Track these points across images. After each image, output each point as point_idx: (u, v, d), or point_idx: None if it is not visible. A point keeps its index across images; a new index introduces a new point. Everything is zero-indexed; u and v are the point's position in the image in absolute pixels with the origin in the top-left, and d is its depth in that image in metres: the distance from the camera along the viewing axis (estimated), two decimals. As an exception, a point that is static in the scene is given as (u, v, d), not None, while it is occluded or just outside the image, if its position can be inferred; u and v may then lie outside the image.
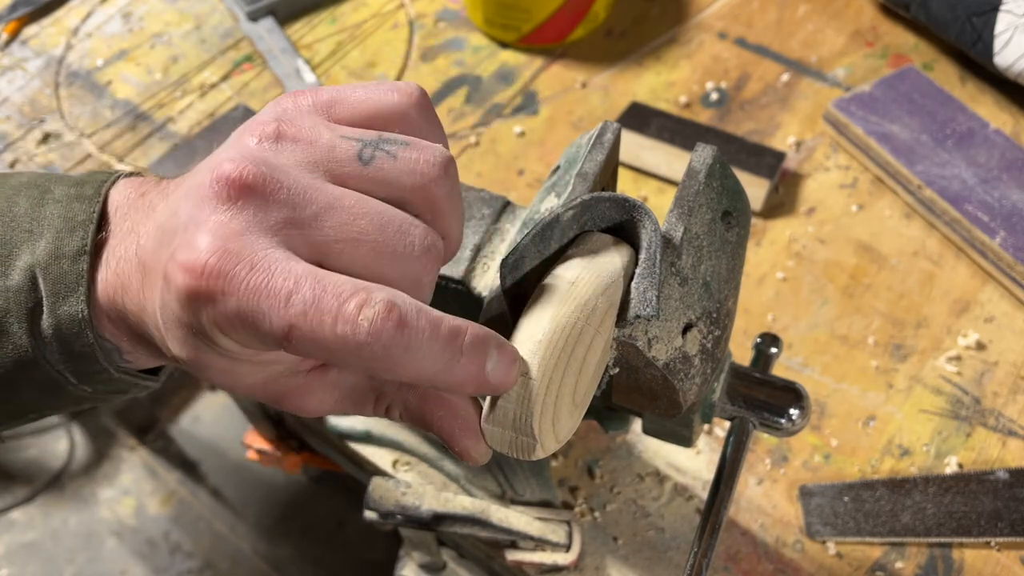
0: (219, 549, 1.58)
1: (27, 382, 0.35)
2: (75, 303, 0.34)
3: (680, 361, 0.37)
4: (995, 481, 0.59)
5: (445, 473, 0.60)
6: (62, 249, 0.34)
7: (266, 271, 0.29)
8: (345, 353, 0.29)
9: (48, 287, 0.34)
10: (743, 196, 0.42)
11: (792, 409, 0.44)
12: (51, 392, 0.36)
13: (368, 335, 0.28)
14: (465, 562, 0.66)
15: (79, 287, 0.34)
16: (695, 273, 0.38)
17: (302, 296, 0.28)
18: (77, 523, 1.61)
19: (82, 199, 0.35)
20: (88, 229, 0.34)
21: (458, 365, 0.30)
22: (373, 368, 0.29)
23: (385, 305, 0.29)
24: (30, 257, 0.34)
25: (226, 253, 0.29)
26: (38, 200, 0.36)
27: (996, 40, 0.74)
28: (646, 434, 0.47)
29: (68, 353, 0.35)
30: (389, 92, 0.34)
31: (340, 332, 0.28)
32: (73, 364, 0.35)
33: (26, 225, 0.35)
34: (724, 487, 0.44)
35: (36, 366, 0.35)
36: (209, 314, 0.29)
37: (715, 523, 0.43)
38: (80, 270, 0.34)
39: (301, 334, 0.28)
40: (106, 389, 0.37)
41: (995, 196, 0.69)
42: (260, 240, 0.30)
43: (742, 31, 0.86)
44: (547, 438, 0.33)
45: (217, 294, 0.29)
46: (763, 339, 0.50)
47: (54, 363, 0.35)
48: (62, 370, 0.35)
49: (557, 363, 0.33)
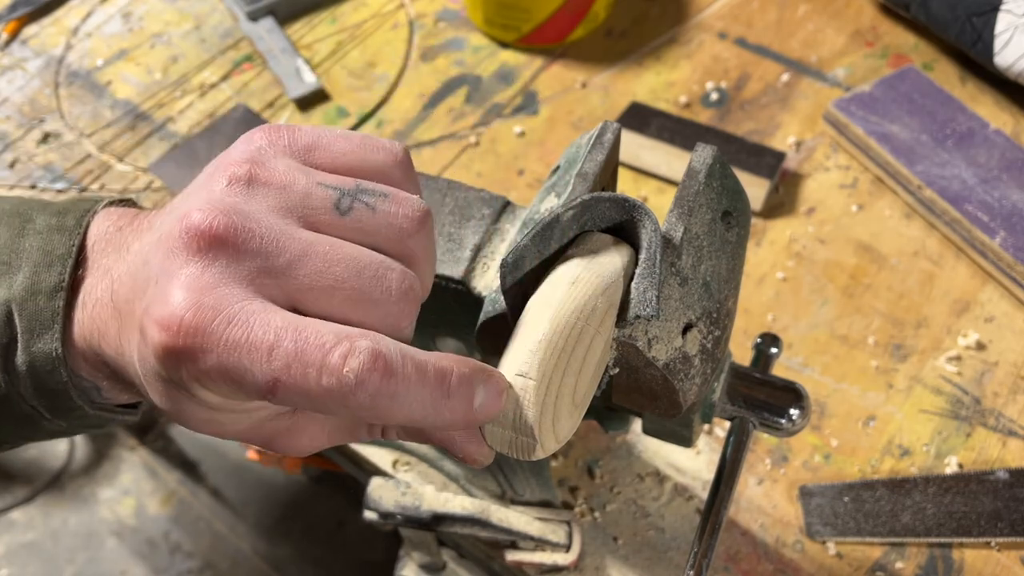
0: (219, 549, 1.58)
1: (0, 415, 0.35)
2: (49, 341, 0.33)
3: (680, 361, 0.37)
4: (995, 481, 0.59)
5: (445, 473, 0.60)
6: (39, 285, 0.34)
7: (244, 324, 0.28)
8: (333, 404, 0.28)
9: (23, 323, 0.33)
10: (743, 196, 0.42)
11: (792, 409, 0.44)
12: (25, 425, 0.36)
13: (355, 386, 0.28)
14: (465, 562, 0.66)
15: (54, 325, 0.33)
16: (695, 273, 0.38)
17: (284, 349, 0.28)
18: (77, 523, 1.61)
19: (63, 231, 0.35)
20: (66, 264, 0.34)
21: (446, 406, 0.30)
22: (361, 416, 0.29)
23: (370, 354, 0.28)
24: (6, 292, 0.34)
25: (201, 308, 0.28)
26: (19, 231, 0.35)
27: (996, 40, 0.74)
28: (646, 434, 0.47)
29: (41, 390, 0.34)
30: (374, 151, 0.34)
31: (326, 384, 0.28)
32: (47, 400, 0.35)
33: (4, 257, 0.35)
34: (724, 487, 0.44)
35: (9, 401, 0.35)
36: (189, 371, 0.28)
37: (715, 523, 0.43)
38: (56, 307, 0.33)
39: (286, 388, 0.28)
40: (81, 424, 0.37)
41: (995, 196, 0.69)
42: (235, 291, 0.29)
43: (742, 31, 0.86)
44: (547, 438, 0.33)
45: (196, 351, 0.28)
46: (763, 339, 0.50)
47: (27, 398, 0.35)
48: (36, 405, 0.35)
49: (557, 363, 0.33)
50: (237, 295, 0.29)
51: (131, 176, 0.79)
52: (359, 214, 0.31)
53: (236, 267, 0.29)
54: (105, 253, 0.34)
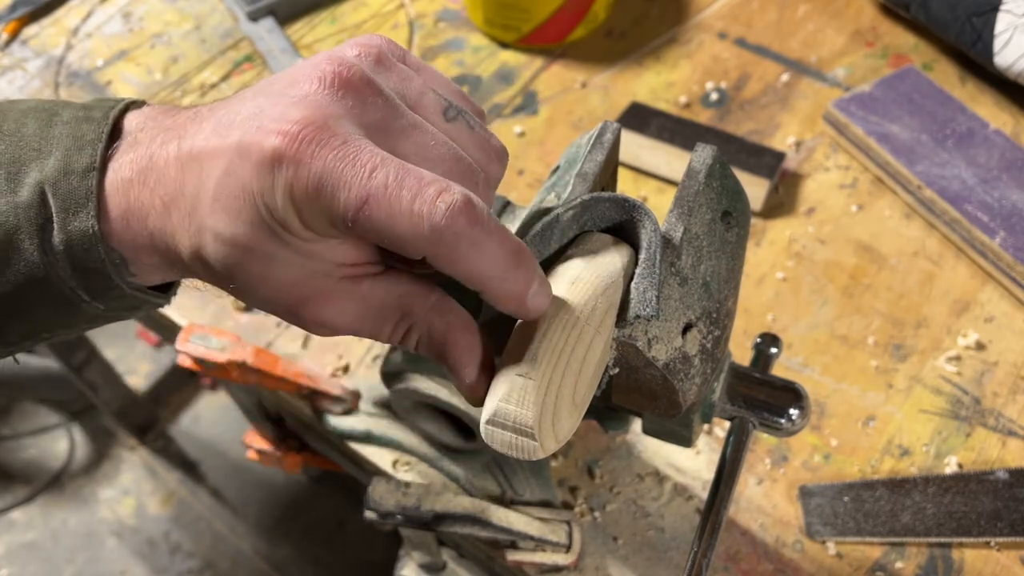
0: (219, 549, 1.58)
1: (40, 299, 0.35)
2: (85, 218, 0.34)
3: (680, 361, 0.37)
4: (995, 481, 0.59)
5: (445, 473, 0.60)
6: (71, 166, 0.34)
7: (356, 147, 0.30)
8: (415, 235, 0.30)
9: (58, 203, 0.34)
10: (743, 196, 0.42)
11: (792, 409, 0.44)
12: (64, 309, 0.36)
13: (444, 219, 0.30)
14: (465, 562, 0.66)
15: (89, 203, 0.34)
16: (695, 273, 0.38)
17: (386, 171, 0.30)
18: (77, 523, 1.61)
19: (90, 120, 0.35)
20: (97, 147, 0.34)
21: (511, 276, 0.32)
22: (437, 256, 0.30)
23: (464, 197, 0.30)
24: (39, 174, 0.34)
25: (321, 127, 0.30)
26: (46, 122, 0.36)
27: (996, 40, 0.74)
28: (646, 434, 0.47)
29: (79, 269, 0.34)
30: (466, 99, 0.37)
31: (416, 210, 0.29)
32: (84, 280, 0.35)
33: (35, 144, 0.35)
34: (724, 487, 0.44)
35: (48, 283, 0.35)
36: (287, 178, 0.30)
37: (715, 523, 0.43)
38: (89, 186, 0.34)
39: (376, 207, 0.29)
40: (119, 306, 0.37)
41: (995, 196, 0.69)
42: (353, 128, 0.31)
43: (742, 31, 0.86)
44: (547, 438, 0.33)
45: (303, 158, 0.30)
46: (763, 339, 0.50)
47: (66, 279, 0.35)
48: (74, 287, 0.35)
49: (557, 363, 0.33)
50: (354, 130, 0.31)
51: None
52: (460, 126, 0.35)
53: (360, 112, 0.32)
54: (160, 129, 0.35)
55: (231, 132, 0.32)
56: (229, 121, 0.32)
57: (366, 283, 0.34)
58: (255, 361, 0.58)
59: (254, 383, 0.61)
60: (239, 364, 0.58)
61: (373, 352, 0.67)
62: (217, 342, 0.59)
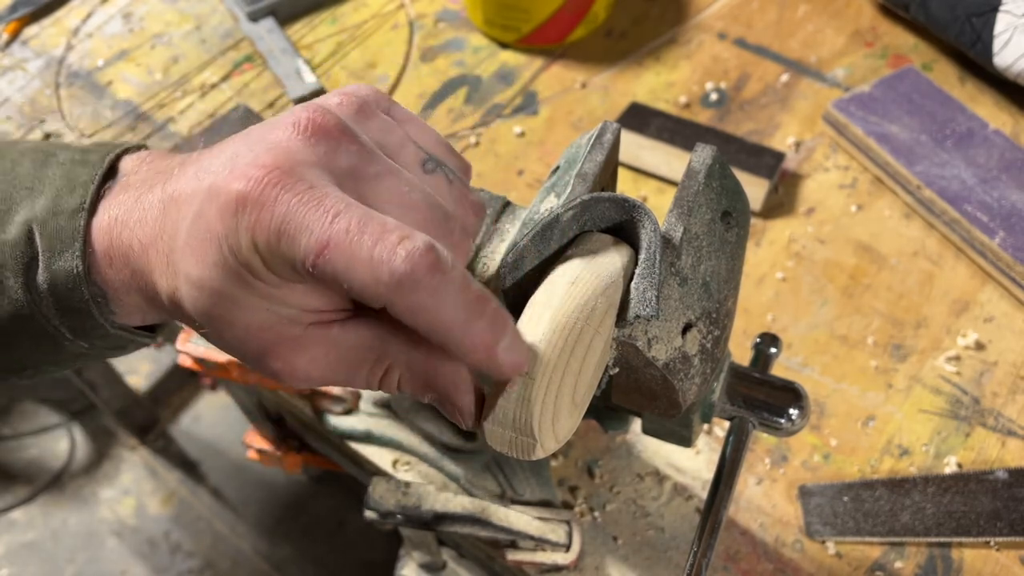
0: (219, 549, 1.58)
1: (24, 335, 0.36)
2: (70, 258, 0.34)
3: (680, 361, 0.37)
4: (994, 481, 0.59)
5: (445, 473, 0.60)
6: (60, 206, 0.34)
7: (321, 193, 0.30)
8: (374, 281, 0.29)
9: (44, 242, 0.34)
10: (743, 196, 0.42)
11: (792, 409, 0.44)
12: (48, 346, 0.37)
13: (404, 265, 0.29)
14: (465, 562, 0.66)
15: (75, 243, 0.34)
16: (695, 273, 0.38)
17: (348, 217, 0.29)
18: (77, 523, 1.62)
19: (86, 164, 0.36)
20: (88, 189, 0.35)
21: (477, 326, 0.31)
22: (395, 304, 0.30)
23: (425, 244, 0.29)
24: (28, 213, 0.35)
25: (287, 172, 0.30)
26: (42, 163, 0.36)
27: (995, 40, 0.75)
28: (646, 434, 0.47)
29: (63, 308, 0.35)
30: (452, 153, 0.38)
31: (376, 255, 0.29)
32: (68, 319, 0.35)
33: (27, 183, 0.35)
34: (723, 487, 0.44)
35: (32, 320, 0.35)
36: (249, 221, 0.30)
37: (715, 522, 0.43)
38: (76, 226, 0.34)
39: (337, 252, 0.29)
40: (103, 345, 0.37)
41: (994, 196, 0.70)
42: (323, 175, 0.31)
43: (742, 31, 0.87)
44: (547, 438, 0.33)
45: (266, 201, 0.30)
46: (762, 339, 0.50)
47: (50, 318, 0.35)
48: (57, 325, 0.35)
49: (557, 363, 0.33)
50: (325, 178, 0.31)
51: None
52: (438, 178, 0.35)
53: (332, 159, 0.32)
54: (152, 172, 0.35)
55: (206, 177, 0.32)
56: (207, 166, 0.32)
57: (335, 328, 0.33)
58: (255, 361, 0.58)
59: (254, 383, 0.61)
60: (240, 364, 0.58)
61: (373, 352, 0.67)
62: (217, 342, 0.59)
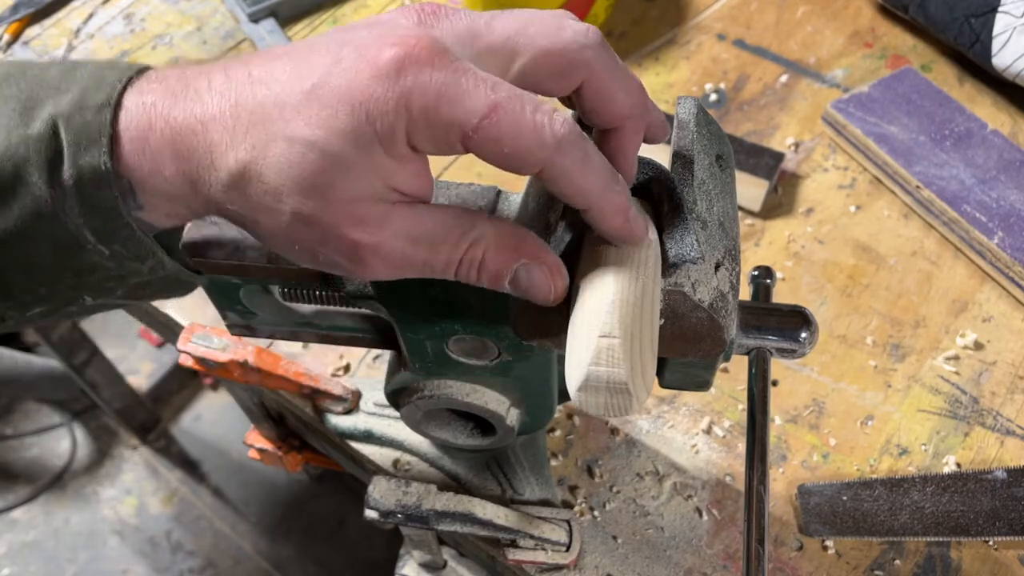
0: (220, 548, 1.58)
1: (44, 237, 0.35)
2: (96, 154, 0.33)
3: (719, 300, 0.39)
4: (993, 480, 0.59)
5: (445, 472, 0.60)
6: (87, 101, 0.34)
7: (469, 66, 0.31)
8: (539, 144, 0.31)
9: (70, 137, 0.33)
10: (726, 138, 0.44)
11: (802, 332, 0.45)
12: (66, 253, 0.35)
13: (563, 128, 0.31)
14: (465, 561, 0.67)
15: (101, 138, 0.33)
16: (711, 216, 0.39)
17: (506, 88, 0.31)
18: (79, 522, 1.62)
19: (115, 67, 0.35)
20: (116, 87, 0.34)
21: (614, 190, 0.34)
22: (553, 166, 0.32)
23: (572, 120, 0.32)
24: (54, 108, 0.34)
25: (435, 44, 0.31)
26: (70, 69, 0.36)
27: (994, 41, 0.75)
28: (666, 387, 0.47)
29: (87, 206, 0.34)
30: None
31: (539, 120, 0.31)
32: (92, 218, 0.34)
33: (54, 84, 0.35)
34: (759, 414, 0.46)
35: (54, 219, 0.34)
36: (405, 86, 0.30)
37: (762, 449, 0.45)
38: (103, 121, 0.33)
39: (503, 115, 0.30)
40: (123, 252, 0.36)
41: (993, 196, 0.70)
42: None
43: (741, 32, 0.87)
44: (640, 391, 0.34)
45: (426, 64, 0.30)
46: (759, 271, 0.51)
47: (73, 217, 0.34)
48: (80, 225, 0.34)
49: (634, 317, 0.34)
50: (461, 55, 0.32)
51: (133, 177, 0.79)
52: None
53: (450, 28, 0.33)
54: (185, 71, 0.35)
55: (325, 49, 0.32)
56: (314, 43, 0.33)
57: (420, 207, 0.34)
58: (256, 361, 0.59)
59: (255, 383, 0.61)
60: (240, 364, 0.58)
61: (374, 351, 0.67)
62: (219, 342, 0.59)
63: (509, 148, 0.31)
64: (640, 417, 0.64)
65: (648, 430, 0.63)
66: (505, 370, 0.46)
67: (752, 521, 0.43)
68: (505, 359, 0.45)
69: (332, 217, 0.33)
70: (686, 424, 0.63)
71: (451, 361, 0.46)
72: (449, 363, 0.47)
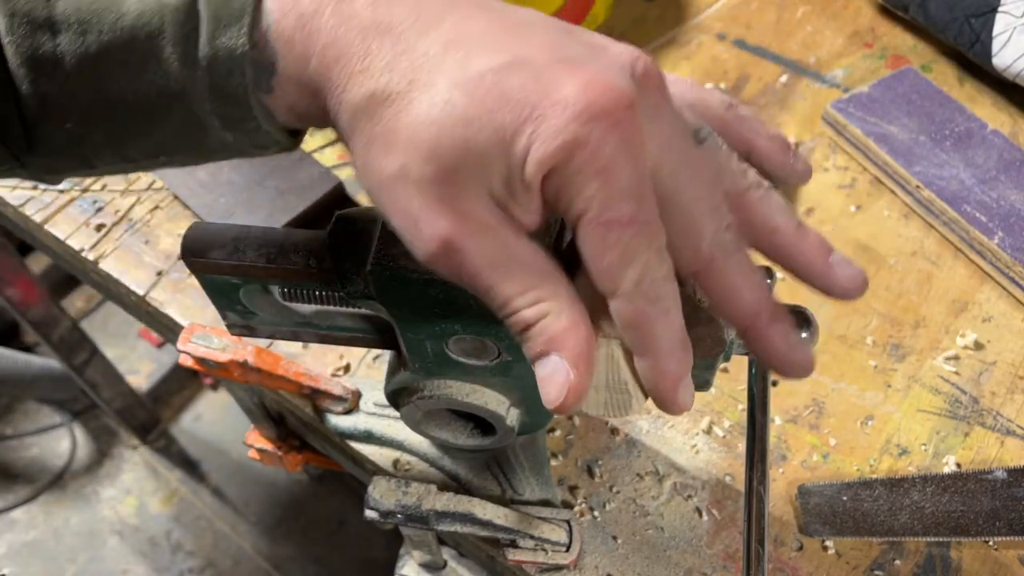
0: (220, 548, 1.58)
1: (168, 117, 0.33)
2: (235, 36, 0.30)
3: None
4: (993, 480, 0.59)
5: (445, 473, 0.60)
6: None
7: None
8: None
9: (209, 11, 0.30)
10: None
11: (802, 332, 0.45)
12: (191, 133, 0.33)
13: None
14: (465, 561, 0.67)
15: (243, 18, 0.30)
16: None
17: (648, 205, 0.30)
18: (79, 522, 1.62)
19: None
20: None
21: None
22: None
23: None
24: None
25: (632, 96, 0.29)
26: None
27: (994, 41, 0.75)
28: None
29: (218, 90, 0.31)
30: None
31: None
32: (221, 105, 0.32)
33: None
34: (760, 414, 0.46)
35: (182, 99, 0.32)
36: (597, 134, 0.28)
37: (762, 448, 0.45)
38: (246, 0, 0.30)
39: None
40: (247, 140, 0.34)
41: (993, 196, 0.70)
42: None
43: (741, 32, 0.87)
44: (640, 390, 0.34)
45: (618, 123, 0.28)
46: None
47: (202, 100, 0.32)
48: (208, 110, 0.32)
49: None
50: None
51: (133, 176, 0.79)
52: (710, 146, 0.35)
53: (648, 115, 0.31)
54: None
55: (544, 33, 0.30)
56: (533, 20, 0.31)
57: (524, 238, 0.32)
58: (256, 361, 0.59)
59: (255, 382, 0.61)
60: (240, 364, 0.58)
61: (374, 351, 0.67)
62: (218, 342, 0.59)
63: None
64: (640, 417, 0.64)
65: (648, 430, 0.63)
66: (505, 370, 0.46)
67: (752, 521, 0.43)
68: (505, 359, 0.45)
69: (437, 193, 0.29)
70: (686, 424, 0.63)
71: (451, 361, 0.46)
72: (449, 363, 0.46)
